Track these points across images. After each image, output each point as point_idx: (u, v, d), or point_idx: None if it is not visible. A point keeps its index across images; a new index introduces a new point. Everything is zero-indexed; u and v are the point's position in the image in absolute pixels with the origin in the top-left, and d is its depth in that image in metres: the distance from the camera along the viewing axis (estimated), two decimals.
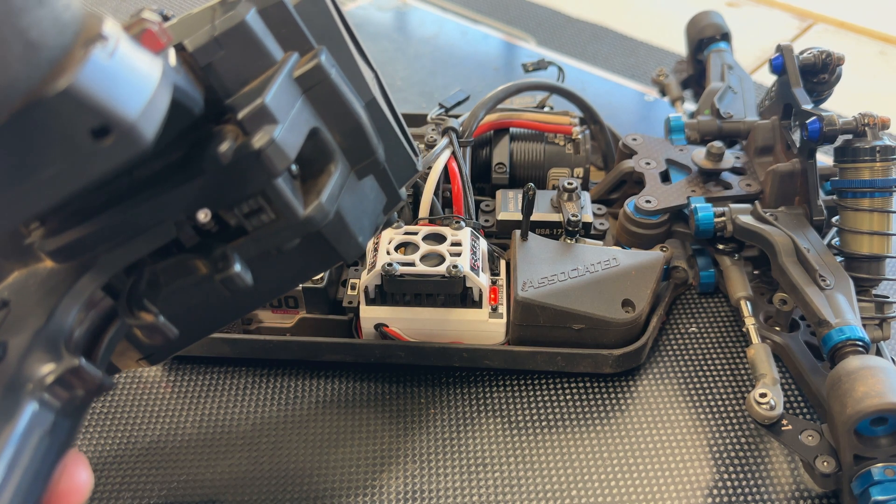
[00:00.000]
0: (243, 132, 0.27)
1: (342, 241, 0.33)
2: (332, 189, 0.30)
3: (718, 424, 0.46)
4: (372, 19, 0.91)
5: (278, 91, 0.28)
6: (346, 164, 0.32)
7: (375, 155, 0.33)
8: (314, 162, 0.30)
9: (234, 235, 0.29)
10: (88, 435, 0.45)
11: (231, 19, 0.28)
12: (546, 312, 0.45)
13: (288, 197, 0.28)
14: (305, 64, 0.29)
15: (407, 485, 0.43)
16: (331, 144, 0.31)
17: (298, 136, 0.29)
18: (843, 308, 0.43)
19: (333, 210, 0.30)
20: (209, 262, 0.29)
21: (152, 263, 0.29)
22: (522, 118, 0.57)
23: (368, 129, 0.32)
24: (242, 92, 0.28)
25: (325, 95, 0.30)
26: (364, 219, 0.34)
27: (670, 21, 0.90)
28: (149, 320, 0.28)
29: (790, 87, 0.50)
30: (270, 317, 0.49)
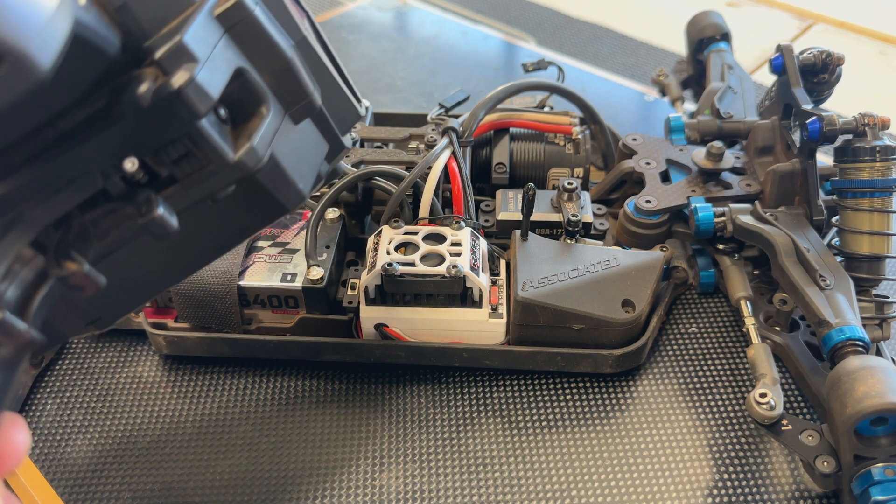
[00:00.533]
0: (162, 73, 0.26)
1: (280, 187, 0.32)
2: (265, 132, 0.29)
3: (718, 424, 0.46)
4: (372, 19, 0.91)
5: (197, 29, 0.27)
6: (280, 106, 0.31)
7: (310, 97, 0.31)
8: (244, 105, 0.29)
9: (164, 184, 0.28)
10: (88, 435, 0.45)
11: None
12: (546, 312, 0.45)
13: (215, 139, 0.27)
14: (226, 1, 0.28)
15: (407, 485, 0.43)
16: (260, 86, 0.30)
17: (221, 75, 0.28)
18: (843, 308, 0.43)
19: (267, 154, 0.29)
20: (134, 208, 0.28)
21: (81, 216, 0.28)
22: (522, 118, 0.57)
23: (299, 68, 0.31)
24: (161, 33, 0.27)
25: (250, 33, 0.29)
26: (303, 164, 0.33)
27: (670, 21, 0.90)
28: (73, 269, 0.27)
29: (790, 87, 0.50)
30: (270, 317, 0.49)
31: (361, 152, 0.53)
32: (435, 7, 0.94)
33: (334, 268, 0.49)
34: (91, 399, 0.47)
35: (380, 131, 0.56)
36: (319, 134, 0.34)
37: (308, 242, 0.48)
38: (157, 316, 0.49)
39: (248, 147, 0.29)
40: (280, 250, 0.49)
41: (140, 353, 0.50)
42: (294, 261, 0.48)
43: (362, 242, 0.50)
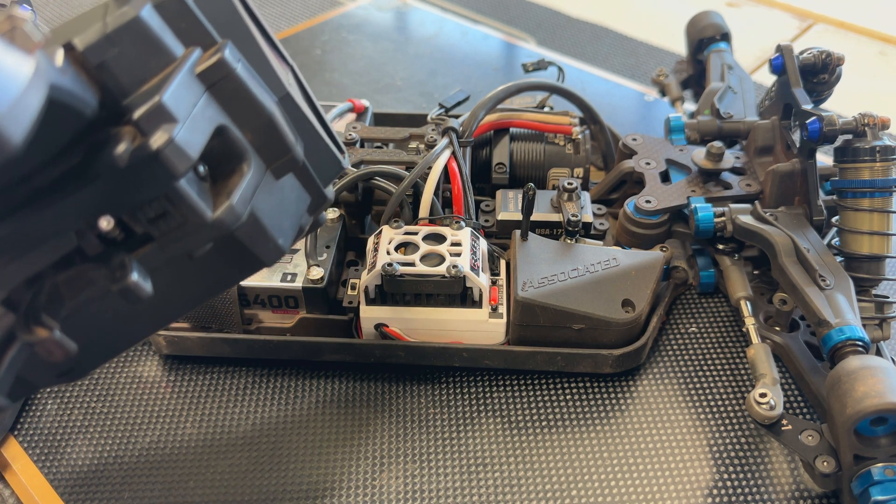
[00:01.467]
0: (140, 133, 0.25)
1: (259, 243, 0.31)
2: (245, 190, 0.29)
3: (718, 424, 0.46)
4: (372, 19, 0.91)
5: (177, 88, 0.26)
6: (261, 162, 0.30)
7: (292, 152, 0.31)
8: (224, 161, 0.29)
9: (140, 243, 0.28)
10: (89, 435, 0.45)
11: (123, 15, 0.26)
12: (546, 312, 0.45)
13: (193, 199, 0.27)
14: (208, 59, 0.28)
15: (407, 485, 0.43)
16: (241, 143, 0.29)
17: (201, 134, 0.27)
18: (843, 308, 0.43)
19: (247, 212, 0.29)
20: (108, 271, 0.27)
21: (54, 275, 0.27)
22: (522, 118, 0.57)
23: (282, 125, 0.30)
24: (140, 91, 0.26)
25: (232, 91, 0.29)
26: (284, 220, 0.32)
27: (670, 21, 0.90)
28: (43, 336, 0.26)
29: (790, 87, 0.50)
30: (270, 317, 0.49)
31: (361, 152, 0.53)
32: (435, 7, 0.94)
33: (334, 268, 0.49)
34: (91, 399, 0.47)
35: (380, 131, 0.56)
36: (301, 187, 0.34)
37: (308, 242, 0.48)
38: None
39: (228, 206, 0.28)
40: None
41: (140, 353, 0.50)
42: (294, 261, 0.48)
43: (362, 242, 0.50)
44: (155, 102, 0.25)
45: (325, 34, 0.88)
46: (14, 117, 0.21)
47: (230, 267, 0.32)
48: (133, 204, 0.27)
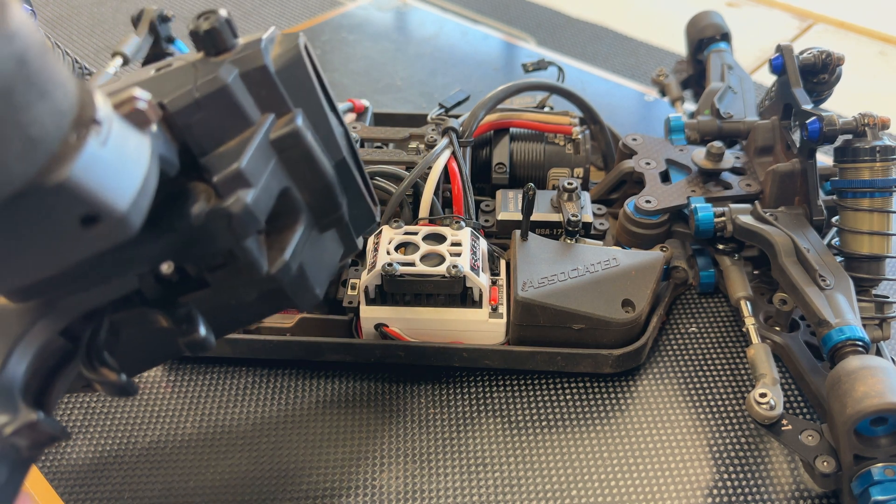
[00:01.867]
0: (217, 194, 0.27)
1: (300, 293, 0.32)
2: (297, 246, 0.30)
3: (718, 424, 0.46)
4: (372, 19, 0.91)
5: (254, 155, 0.27)
6: (311, 219, 0.32)
7: (340, 211, 0.33)
8: (280, 218, 0.30)
9: (194, 286, 0.29)
10: (89, 435, 0.45)
11: (214, 83, 0.27)
12: (546, 312, 0.45)
13: (254, 255, 0.28)
14: (282, 128, 0.29)
15: (407, 484, 0.43)
16: (299, 203, 0.31)
17: (270, 198, 0.29)
18: (843, 308, 0.43)
19: (296, 266, 0.30)
20: (171, 320, 0.29)
21: (112, 311, 0.28)
22: (522, 118, 0.57)
23: (337, 189, 0.32)
24: (218, 151, 0.27)
25: (299, 157, 0.30)
26: (322, 271, 0.34)
27: (670, 21, 0.90)
28: (112, 379, 0.28)
29: (790, 87, 0.50)
30: (271, 317, 0.49)
31: (361, 152, 0.53)
32: (435, 7, 0.94)
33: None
34: (91, 399, 0.47)
35: (380, 131, 0.56)
36: (339, 239, 0.36)
37: None
38: None
39: (282, 261, 0.29)
40: None
41: None
42: None
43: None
44: (234, 169, 0.27)
45: (325, 34, 0.88)
46: (137, 205, 0.22)
47: (265, 307, 0.34)
48: (197, 255, 0.28)
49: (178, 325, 0.29)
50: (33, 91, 0.19)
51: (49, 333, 0.26)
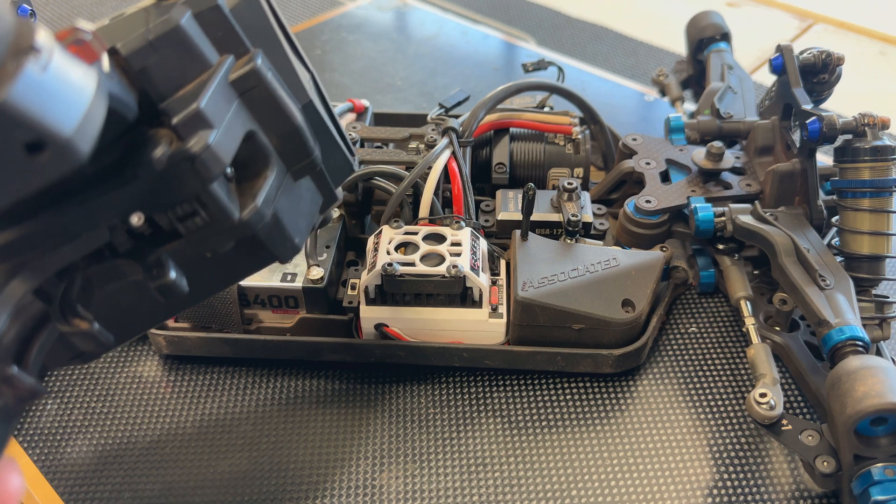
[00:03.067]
0: (178, 137, 0.26)
1: (278, 242, 0.32)
2: (269, 192, 0.30)
3: (718, 424, 0.46)
4: (372, 19, 0.91)
5: (213, 95, 0.27)
6: (283, 165, 0.32)
7: (312, 156, 0.32)
8: (249, 164, 0.30)
9: (167, 238, 0.29)
10: (89, 435, 0.45)
11: (166, 23, 0.27)
12: (546, 312, 0.45)
13: (223, 201, 0.28)
14: (241, 67, 0.29)
15: (407, 484, 0.43)
16: (267, 147, 0.30)
17: (234, 140, 0.28)
18: (843, 308, 0.43)
19: (270, 213, 0.30)
20: (143, 268, 0.28)
21: (85, 267, 0.28)
22: (522, 118, 0.57)
23: (305, 132, 0.32)
24: (177, 96, 0.27)
25: (261, 99, 0.30)
26: (300, 220, 0.34)
27: (670, 21, 0.90)
28: (84, 328, 0.28)
29: (790, 87, 0.50)
30: (270, 317, 0.49)
31: (362, 152, 0.53)
32: (435, 7, 0.94)
33: (334, 268, 0.49)
34: (91, 399, 0.47)
35: (380, 131, 0.56)
36: (316, 188, 0.35)
37: (308, 242, 0.48)
38: None
39: (254, 207, 0.29)
40: None
41: (140, 353, 0.50)
42: (294, 261, 0.48)
43: (362, 242, 0.50)
44: (193, 109, 0.26)
45: (325, 34, 0.88)
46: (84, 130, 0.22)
47: (245, 261, 0.34)
48: (166, 203, 0.28)
49: (149, 271, 0.28)
50: None
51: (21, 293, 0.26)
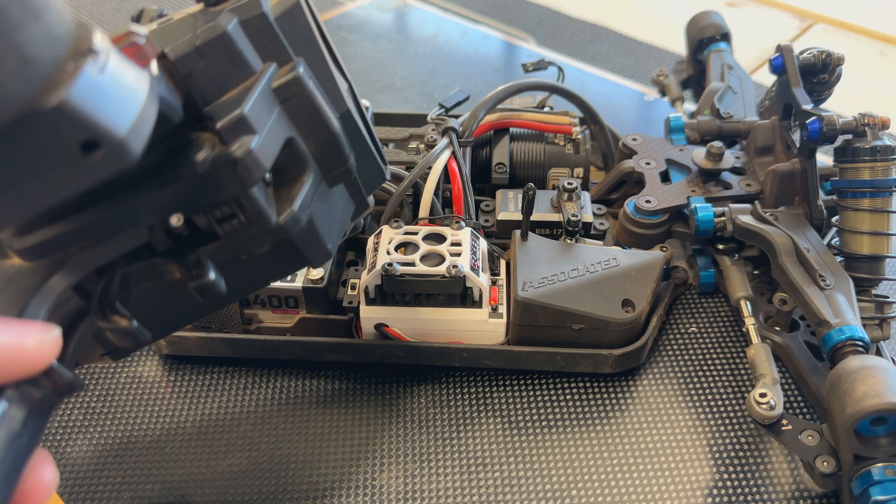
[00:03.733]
0: (221, 141, 0.27)
1: (311, 247, 0.33)
2: (305, 197, 0.31)
3: (718, 424, 0.46)
4: (372, 19, 0.91)
5: (256, 102, 0.28)
6: (319, 172, 0.32)
7: (347, 164, 0.33)
8: (288, 170, 0.31)
9: (205, 240, 0.30)
10: (88, 435, 0.45)
11: (213, 30, 0.28)
12: (546, 312, 0.45)
13: (262, 205, 0.29)
14: (284, 75, 0.30)
15: (407, 484, 0.43)
16: (305, 154, 0.31)
17: (275, 146, 0.29)
18: (843, 308, 0.43)
19: (305, 218, 0.31)
20: (182, 268, 0.29)
21: (124, 265, 0.29)
22: (522, 118, 0.57)
23: (342, 140, 0.32)
24: (221, 101, 0.28)
25: (302, 106, 0.30)
26: (333, 226, 0.34)
27: (670, 21, 0.90)
28: (123, 325, 0.28)
29: (790, 87, 0.50)
30: (270, 317, 0.49)
31: None
32: (435, 7, 0.94)
33: (334, 268, 0.49)
34: (91, 399, 0.47)
35: (380, 131, 0.56)
36: (349, 196, 0.36)
37: None
38: None
39: (290, 212, 0.30)
40: None
41: (140, 353, 0.50)
42: None
43: (362, 242, 0.50)
44: (237, 114, 0.27)
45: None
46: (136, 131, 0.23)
47: (279, 265, 0.34)
48: (206, 205, 0.29)
49: (188, 271, 0.29)
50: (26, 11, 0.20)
51: (62, 288, 0.27)
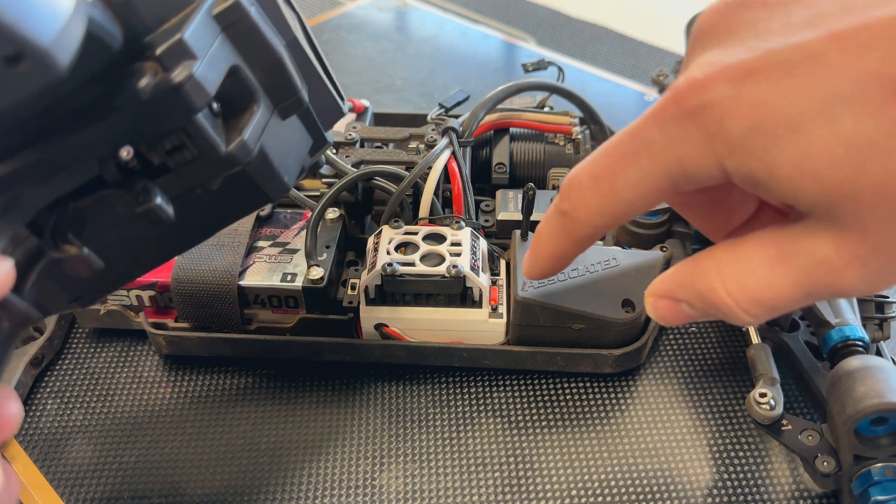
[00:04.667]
0: (162, 68, 0.27)
1: (267, 179, 0.33)
2: (255, 127, 0.31)
3: (718, 424, 0.46)
4: (372, 19, 0.91)
5: (197, 27, 0.28)
6: (269, 102, 0.32)
7: (298, 94, 0.33)
8: (236, 100, 0.31)
9: (157, 173, 0.30)
10: (89, 435, 0.45)
11: None
12: (546, 312, 0.45)
13: (209, 133, 0.29)
14: (224, 1, 0.30)
15: (407, 485, 0.43)
16: (252, 83, 0.31)
17: (218, 72, 0.29)
18: (843, 308, 0.43)
19: (256, 148, 0.31)
20: (131, 196, 0.29)
21: (75, 200, 0.29)
22: (522, 118, 0.57)
23: (290, 68, 0.32)
24: (161, 29, 0.28)
25: (245, 33, 0.30)
26: (289, 158, 0.35)
27: (670, 21, 0.90)
28: (73, 252, 0.29)
29: None
30: (270, 316, 0.49)
31: (361, 152, 0.53)
32: (435, 7, 0.94)
33: (334, 268, 0.49)
34: (91, 399, 0.47)
35: (380, 131, 0.56)
36: (304, 129, 0.36)
37: (308, 242, 0.48)
38: (157, 316, 0.49)
39: (240, 141, 0.30)
40: (280, 250, 0.49)
41: (140, 353, 0.50)
42: (294, 261, 0.48)
43: (362, 242, 0.50)
44: (177, 40, 0.27)
45: (324, 34, 0.88)
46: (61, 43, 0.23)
47: (239, 202, 0.35)
48: (153, 136, 0.29)
49: (136, 198, 0.29)
50: None
51: (15, 226, 0.27)
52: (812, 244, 0.25)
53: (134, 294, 0.48)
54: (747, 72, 0.24)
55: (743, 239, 0.27)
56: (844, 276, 0.25)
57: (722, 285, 0.27)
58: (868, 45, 0.22)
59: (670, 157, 0.26)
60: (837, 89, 0.23)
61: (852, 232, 0.24)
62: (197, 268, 0.47)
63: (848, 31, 0.23)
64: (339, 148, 0.54)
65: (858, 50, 0.23)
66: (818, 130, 0.23)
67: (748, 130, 0.24)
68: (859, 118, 0.22)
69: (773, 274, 0.26)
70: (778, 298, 0.26)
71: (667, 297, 0.31)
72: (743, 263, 0.27)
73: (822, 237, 0.25)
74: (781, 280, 0.26)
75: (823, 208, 0.24)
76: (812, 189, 0.24)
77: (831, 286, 0.25)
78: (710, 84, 0.25)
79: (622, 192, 0.28)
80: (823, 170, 0.23)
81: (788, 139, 0.24)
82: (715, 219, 0.32)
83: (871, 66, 0.22)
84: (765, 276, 0.26)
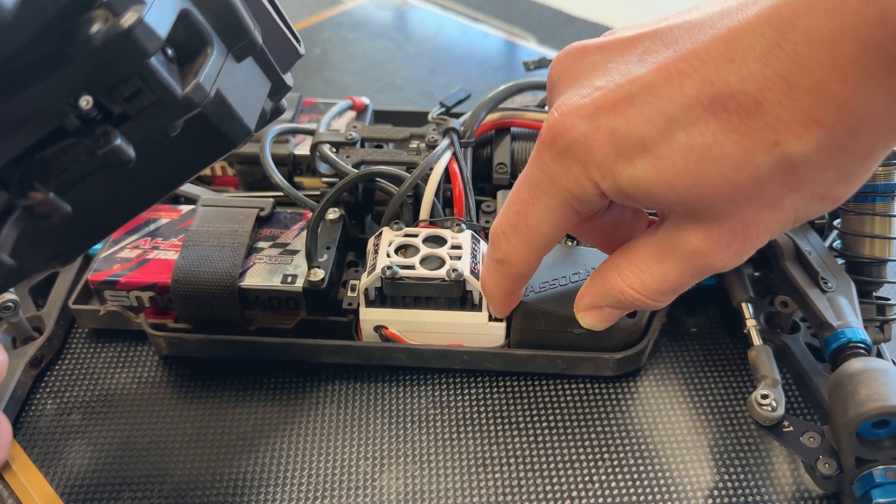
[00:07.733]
0: (112, 14, 0.28)
1: (227, 122, 0.34)
2: (209, 69, 0.31)
3: (719, 426, 0.46)
4: (372, 18, 0.91)
5: None
6: (223, 46, 0.33)
7: (251, 35, 0.33)
8: (189, 45, 0.31)
9: (119, 122, 0.30)
10: (88, 435, 0.45)
11: None
12: (547, 317, 0.45)
13: (164, 77, 0.29)
14: None
15: (407, 486, 0.43)
16: (203, 26, 0.32)
17: (167, 16, 0.29)
18: (845, 310, 0.43)
19: (213, 90, 0.31)
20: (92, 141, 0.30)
21: (39, 152, 0.30)
22: (524, 118, 0.56)
23: (240, 9, 0.33)
24: None
25: None
26: (247, 101, 0.35)
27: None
28: (38, 197, 0.29)
29: None
30: (270, 318, 0.48)
31: (362, 152, 0.53)
32: (435, 5, 0.94)
33: (335, 269, 0.48)
34: (91, 399, 0.47)
35: (380, 131, 0.56)
36: (261, 72, 0.37)
37: (308, 243, 0.48)
38: (157, 317, 0.49)
39: (195, 83, 0.31)
40: (280, 251, 0.49)
41: (140, 354, 0.50)
42: (294, 262, 0.48)
43: (363, 242, 0.50)
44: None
45: (325, 32, 0.88)
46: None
47: (203, 148, 0.36)
48: (109, 83, 0.29)
49: (97, 142, 0.30)
50: None
51: None
52: (683, 239, 0.30)
53: (134, 295, 0.48)
54: (597, 108, 0.29)
55: (632, 246, 0.33)
56: (715, 258, 0.30)
57: (629, 286, 0.33)
58: (686, 73, 0.27)
59: (561, 190, 0.31)
60: (670, 113, 0.27)
61: (710, 224, 0.29)
62: (197, 269, 0.46)
63: (670, 62, 0.28)
64: (339, 148, 0.53)
65: (679, 78, 0.27)
66: (661, 148, 0.28)
67: (610, 155, 0.29)
68: (690, 135, 0.27)
69: (664, 268, 0.32)
70: (673, 285, 0.32)
71: (591, 307, 0.37)
72: (638, 265, 0.33)
73: (689, 231, 0.30)
74: (670, 271, 0.32)
75: (682, 209, 0.29)
76: (669, 196, 0.29)
77: (709, 267, 0.31)
78: (570, 125, 0.30)
79: (537, 228, 0.33)
80: (672, 179, 0.28)
81: (640, 158, 0.28)
82: (618, 241, 0.36)
83: (691, 91, 0.27)
84: (657, 271, 0.32)
